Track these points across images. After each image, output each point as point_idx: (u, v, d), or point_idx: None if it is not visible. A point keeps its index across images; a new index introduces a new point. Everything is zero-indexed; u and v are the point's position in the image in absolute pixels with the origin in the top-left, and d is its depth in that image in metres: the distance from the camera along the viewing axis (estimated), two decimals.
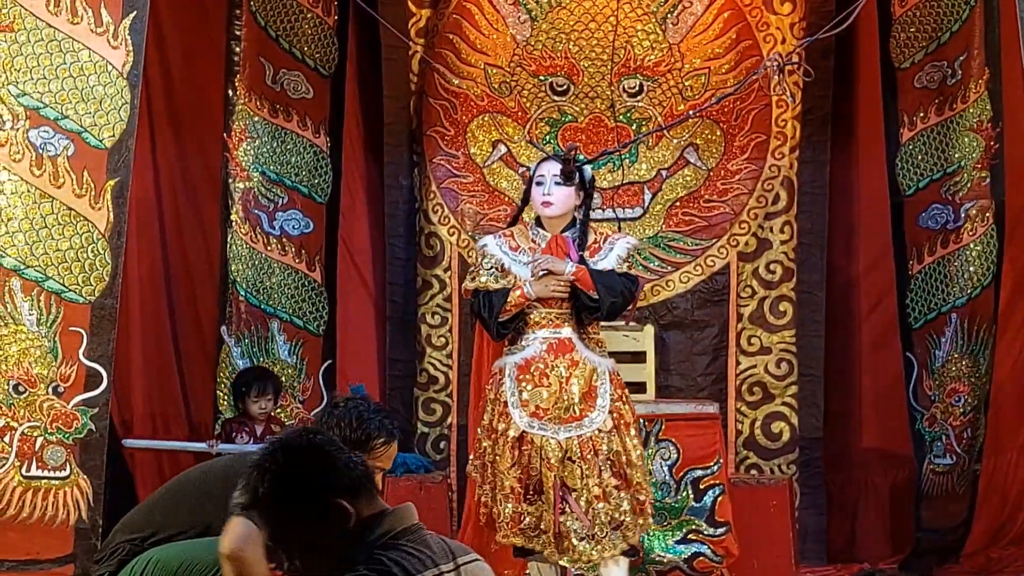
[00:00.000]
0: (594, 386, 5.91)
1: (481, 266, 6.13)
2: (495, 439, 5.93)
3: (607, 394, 5.91)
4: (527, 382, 5.93)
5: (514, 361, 5.99)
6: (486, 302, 6.04)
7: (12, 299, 6.43)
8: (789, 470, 7.89)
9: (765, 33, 7.98)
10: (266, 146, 8.16)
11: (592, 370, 5.93)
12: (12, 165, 6.44)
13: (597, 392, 5.91)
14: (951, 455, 7.88)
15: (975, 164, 7.85)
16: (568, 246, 6.01)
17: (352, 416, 4.61)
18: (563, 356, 5.94)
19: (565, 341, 5.96)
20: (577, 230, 6.06)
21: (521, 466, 5.85)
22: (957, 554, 7.57)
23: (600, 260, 6.02)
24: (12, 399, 6.44)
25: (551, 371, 5.92)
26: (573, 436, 5.82)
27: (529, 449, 5.84)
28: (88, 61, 6.49)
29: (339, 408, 4.67)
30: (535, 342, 5.98)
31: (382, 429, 4.63)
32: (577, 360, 5.93)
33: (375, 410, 4.68)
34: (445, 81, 8.12)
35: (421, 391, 8.14)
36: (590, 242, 6.08)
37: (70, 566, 6.39)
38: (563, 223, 6.08)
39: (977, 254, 7.86)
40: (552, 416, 5.86)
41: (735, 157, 8.05)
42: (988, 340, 7.75)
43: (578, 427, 5.84)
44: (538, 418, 5.87)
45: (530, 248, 6.08)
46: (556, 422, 5.85)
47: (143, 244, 7.80)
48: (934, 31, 7.94)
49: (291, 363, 8.13)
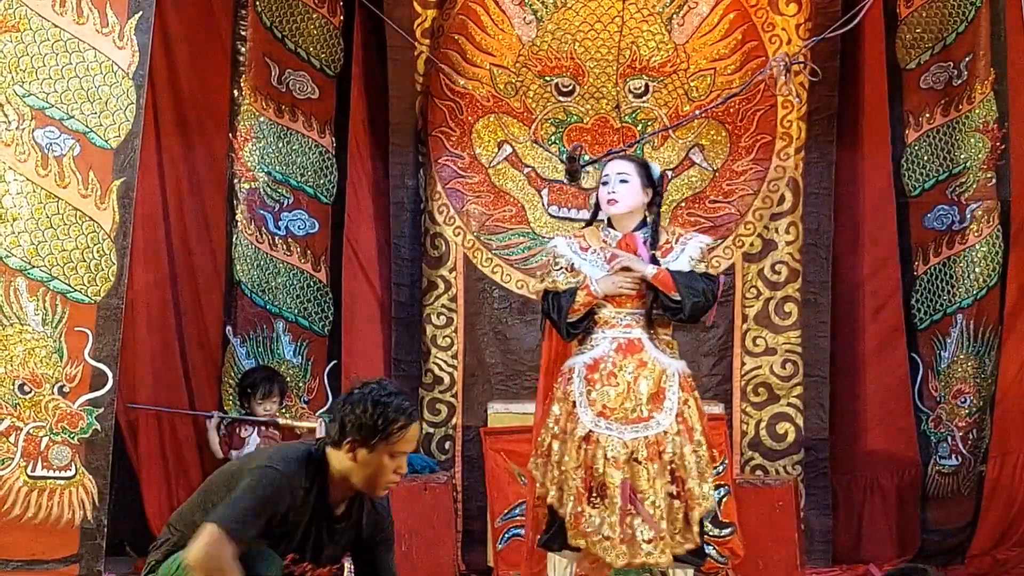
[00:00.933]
0: (663, 388, 5.88)
1: (552, 267, 6.14)
2: (563, 439, 5.91)
3: (675, 396, 5.88)
4: (595, 381, 5.90)
5: (583, 360, 5.97)
6: (555, 303, 6.04)
7: (18, 299, 6.43)
8: (794, 471, 7.88)
9: (771, 34, 7.98)
10: (272, 146, 8.16)
11: (661, 371, 5.90)
12: (18, 165, 6.45)
13: (665, 394, 5.87)
14: (957, 456, 7.88)
15: (981, 165, 7.85)
16: (638, 245, 5.99)
17: (368, 402, 4.59)
18: (632, 356, 5.91)
19: (635, 341, 5.94)
20: (648, 229, 6.04)
21: (585, 467, 5.82)
22: (963, 555, 7.58)
23: (672, 261, 6.00)
24: (17, 399, 6.44)
25: (619, 371, 5.90)
26: (639, 437, 5.80)
27: (594, 448, 5.81)
28: (94, 61, 6.50)
29: (354, 394, 4.65)
30: (604, 341, 5.96)
31: (400, 411, 4.60)
32: (646, 361, 5.91)
33: (391, 393, 4.64)
34: (451, 81, 8.12)
35: (426, 391, 8.13)
36: (662, 242, 6.06)
37: (75, 566, 6.39)
38: (633, 222, 6.06)
39: (983, 255, 7.86)
40: (619, 416, 5.83)
41: (740, 158, 8.05)
42: (994, 341, 7.75)
43: (644, 428, 5.82)
44: (604, 417, 5.84)
45: (600, 248, 6.07)
46: (623, 422, 5.83)
47: (149, 244, 7.80)
48: (940, 32, 7.94)
49: (296, 363, 8.13)
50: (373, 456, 4.60)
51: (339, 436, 4.61)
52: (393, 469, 4.65)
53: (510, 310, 8.12)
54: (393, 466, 4.64)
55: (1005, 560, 7.34)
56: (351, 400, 4.63)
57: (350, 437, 4.59)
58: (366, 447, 4.58)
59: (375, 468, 4.62)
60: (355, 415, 4.58)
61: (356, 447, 4.59)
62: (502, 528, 7.12)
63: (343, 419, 4.61)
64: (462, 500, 7.75)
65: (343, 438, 4.60)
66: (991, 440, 7.65)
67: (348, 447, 4.60)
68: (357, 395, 4.64)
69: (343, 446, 4.60)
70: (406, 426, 4.61)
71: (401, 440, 4.61)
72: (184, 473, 7.81)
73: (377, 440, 4.58)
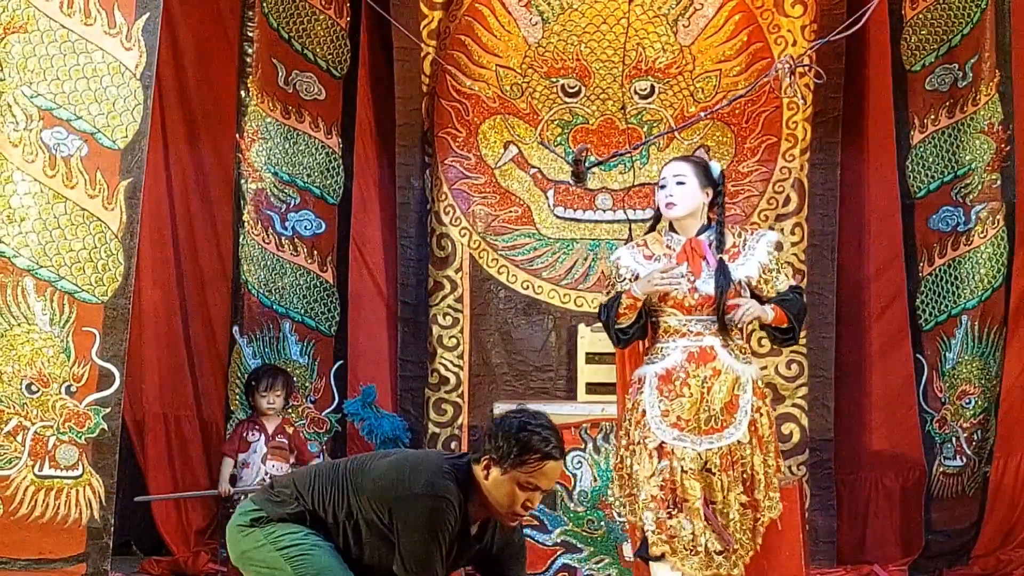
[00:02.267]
0: (736, 395, 5.76)
1: (616, 280, 5.96)
2: (632, 449, 5.81)
3: (748, 404, 5.77)
4: (668, 392, 5.77)
5: (655, 371, 5.84)
6: (605, 309, 5.92)
7: (25, 299, 6.44)
8: (799, 471, 7.88)
9: (776, 35, 7.99)
10: (278, 147, 8.18)
11: (735, 379, 5.77)
12: (26, 165, 6.46)
13: (739, 402, 5.76)
14: (961, 457, 7.88)
15: (986, 166, 7.85)
16: (704, 250, 5.85)
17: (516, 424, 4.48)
18: (705, 365, 5.78)
19: (707, 350, 5.79)
20: (713, 231, 5.89)
21: (664, 478, 5.71)
22: (967, 556, 7.58)
23: (739, 266, 5.86)
24: (25, 399, 6.46)
25: (692, 380, 5.77)
26: (713, 448, 5.71)
27: (669, 460, 5.71)
28: (101, 62, 6.51)
29: (510, 417, 4.55)
30: (676, 351, 5.82)
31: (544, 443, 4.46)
32: (719, 369, 5.78)
33: (543, 426, 4.50)
34: (457, 83, 8.14)
35: (432, 392, 8.14)
36: (728, 245, 5.90)
37: (82, 565, 6.40)
38: (695, 225, 5.90)
39: (988, 256, 7.86)
40: (692, 427, 5.73)
41: (746, 159, 8.06)
42: (998, 342, 7.76)
43: (719, 438, 5.72)
44: (679, 429, 5.73)
45: (664, 254, 5.90)
46: (696, 433, 5.72)
47: (156, 244, 7.82)
48: (945, 34, 7.94)
49: (303, 363, 8.14)
50: (504, 480, 4.47)
51: (482, 450, 4.52)
52: (523, 501, 4.51)
53: (516, 310, 8.13)
54: (524, 498, 4.50)
55: (1009, 560, 7.35)
56: (504, 420, 4.54)
57: (489, 454, 4.49)
58: (499, 467, 4.46)
59: (505, 494, 4.49)
60: (500, 433, 4.48)
61: (491, 465, 4.48)
62: None
63: (490, 435, 4.52)
64: None
65: (483, 453, 4.50)
66: (995, 441, 7.66)
67: (485, 463, 4.49)
68: (512, 418, 4.54)
69: (481, 461, 4.50)
70: (544, 459, 4.46)
71: (535, 472, 4.47)
72: (190, 473, 7.83)
73: (510, 464, 4.46)
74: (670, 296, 5.82)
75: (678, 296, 5.81)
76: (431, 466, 4.55)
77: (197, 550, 7.62)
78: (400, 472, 4.52)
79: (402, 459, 4.65)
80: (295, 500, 4.59)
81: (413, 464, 4.57)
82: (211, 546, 7.70)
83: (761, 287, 5.89)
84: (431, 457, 4.72)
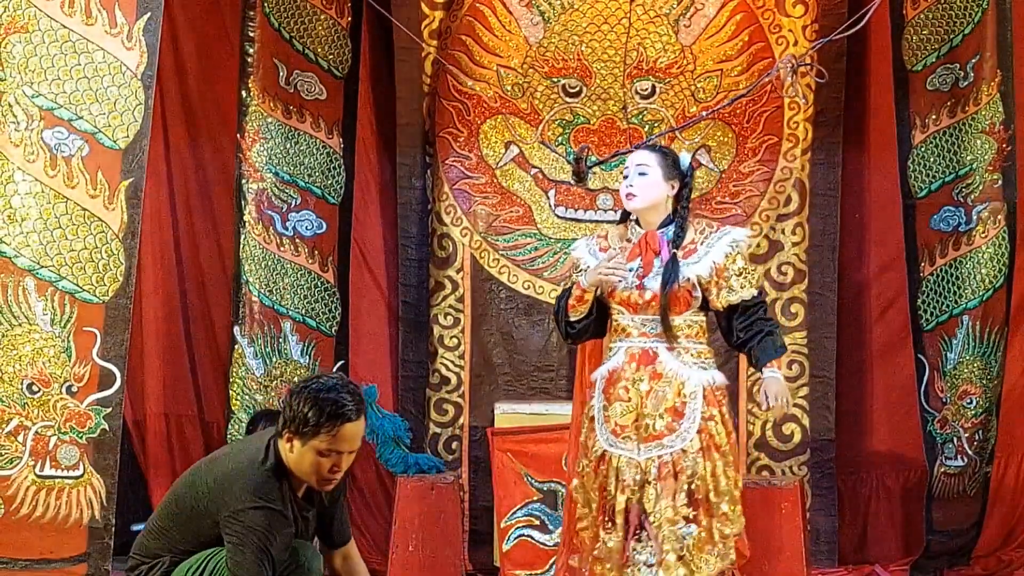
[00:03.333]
0: (683, 402, 5.42)
1: (575, 272, 5.73)
2: (588, 455, 5.57)
3: (696, 412, 5.41)
4: (611, 395, 5.51)
5: (601, 374, 5.59)
6: (558, 300, 5.72)
7: (26, 299, 6.45)
8: (800, 472, 7.89)
9: (777, 35, 7.99)
10: (279, 147, 8.17)
11: (680, 384, 5.44)
12: (27, 165, 6.47)
13: (684, 410, 5.42)
14: (962, 457, 7.88)
15: (987, 167, 7.85)
16: (659, 244, 5.52)
17: (307, 394, 4.53)
18: (645, 368, 5.48)
19: (649, 352, 5.48)
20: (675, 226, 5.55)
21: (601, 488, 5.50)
22: (968, 556, 7.59)
23: (692, 264, 5.50)
24: (26, 399, 6.46)
25: (633, 384, 5.48)
26: (653, 456, 5.40)
27: (607, 469, 5.47)
28: (102, 62, 6.52)
29: (300, 386, 4.60)
30: (620, 352, 5.54)
31: (337, 408, 4.52)
32: (661, 373, 5.46)
33: (333, 387, 4.56)
34: (458, 83, 8.14)
35: (433, 392, 8.15)
36: (687, 241, 5.54)
37: (83, 565, 6.41)
38: (657, 217, 5.58)
39: (989, 256, 7.86)
40: (630, 434, 5.45)
41: (747, 159, 8.06)
42: (1000, 342, 7.76)
43: (658, 447, 5.40)
44: (616, 435, 5.48)
45: (620, 248, 5.61)
46: (636, 441, 5.44)
47: (157, 244, 7.83)
48: (946, 34, 7.93)
49: (304, 363, 8.14)
50: (306, 450, 4.53)
51: (281, 426, 4.58)
52: (329, 467, 4.57)
53: (517, 310, 8.13)
54: (328, 464, 4.56)
55: (1010, 561, 7.36)
56: (296, 391, 4.57)
57: (287, 429, 4.56)
58: (299, 439, 4.53)
59: (309, 463, 4.55)
60: (293, 407, 4.53)
61: (292, 439, 4.55)
62: (508, 528, 7.13)
63: (285, 409, 4.58)
64: (469, 500, 7.76)
65: (284, 428, 4.57)
66: (997, 441, 7.67)
67: (287, 438, 4.56)
68: (302, 387, 4.58)
69: (283, 435, 4.58)
70: (336, 426, 4.51)
71: (330, 439, 4.52)
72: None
73: (308, 435, 4.52)
74: (617, 293, 5.54)
75: (624, 293, 5.53)
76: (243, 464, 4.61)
77: None
78: (221, 488, 4.56)
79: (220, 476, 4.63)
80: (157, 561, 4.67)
81: (230, 477, 4.59)
82: None
83: (711, 290, 5.55)
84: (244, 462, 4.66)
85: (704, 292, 5.53)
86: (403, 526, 7.18)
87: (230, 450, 4.94)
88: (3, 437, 6.43)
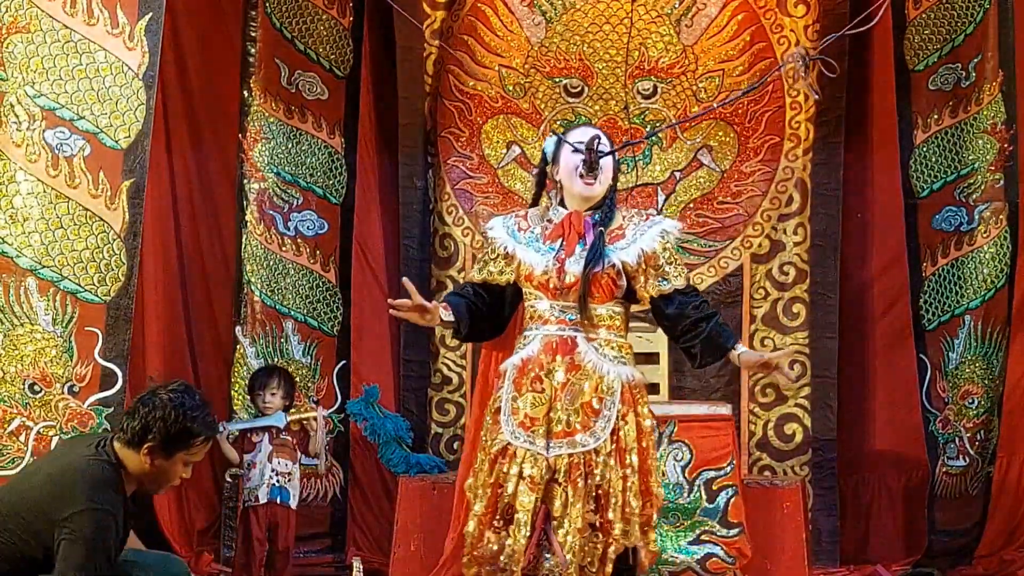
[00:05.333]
0: (601, 398, 5.04)
1: (487, 252, 5.36)
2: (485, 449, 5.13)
3: (612, 411, 5.04)
4: (521, 386, 5.09)
5: (513, 362, 5.17)
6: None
7: (28, 299, 6.45)
8: (802, 471, 7.89)
9: (779, 35, 7.99)
10: (281, 147, 8.17)
11: (599, 379, 5.07)
12: (28, 166, 6.47)
13: (600, 407, 5.04)
14: (964, 457, 7.88)
15: (989, 166, 7.85)
16: (584, 226, 5.15)
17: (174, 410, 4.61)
18: (563, 358, 5.08)
19: (567, 341, 5.09)
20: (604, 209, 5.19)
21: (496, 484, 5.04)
22: (970, 556, 7.59)
23: (619, 249, 5.12)
24: (28, 398, 6.46)
25: (547, 375, 5.08)
26: (563, 454, 5.00)
27: (508, 464, 5.02)
28: (104, 62, 6.52)
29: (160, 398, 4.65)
30: (535, 340, 5.13)
31: (204, 426, 4.70)
32: (579, 364, 5.08)
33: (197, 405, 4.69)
34: (460, 83, 8.14)
35: (435, 392, 8.15)
36: (614, 226, 5.19)
37: None
38: (592, 202, 5.21)
39: (991, 256, 7.86)
40: (539, 428, 5.03)
41: (749, 159, 8.06)
42: (1002, 342, 7.76)
43: (570, 444, 5.00)
44: (525, 428, 5.04)
45: (541, 229, 5.23)
46: (546, 436, 5.02)
47: (158, 244, 7.82)
48: (948, 33, 7.94)
49: (305, 363, 8.14)
50: (170, 464, 4.68)
51: (139, 438, 4.63)
52: (181, 474, 4.76)
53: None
54: (185, 472, 4.77)
55: (1012, 560, 7.35)
56: (157, 404, 4.64)
57: (150, 443, 4.62)
58: (164, 454, 4.65)
59: (168, 473, 4.72)
60: (160, 423, 4.61)
61: (155, 453, 4.64)
62: None
63: (147, 423, 4.62)
64: None
65: (143, 441, 4.63)
66: (998, 441, 7.66)
67: (147, 451, 4.63)
68: (164, 400, 4.65)
69: (141, 448, 4.63)
70: (207, 440, 4.75)
71: (199, 452, 4.73)
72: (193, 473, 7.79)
73: (178, 451, 4.67)
74: (534, 276, 5.16)
75: (542, 276, 5.14)
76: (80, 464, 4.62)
77: (200, 550, 7.63)
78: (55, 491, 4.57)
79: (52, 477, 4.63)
80: None
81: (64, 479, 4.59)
82: (214, 546, 7.71)
83: (638, 278, 5.15)
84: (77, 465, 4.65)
85: (630, 280, 5.18)
86: (405, 526, 7.18)
87: (60, 452, 5.04)
88: (5, 437, 6.43)
